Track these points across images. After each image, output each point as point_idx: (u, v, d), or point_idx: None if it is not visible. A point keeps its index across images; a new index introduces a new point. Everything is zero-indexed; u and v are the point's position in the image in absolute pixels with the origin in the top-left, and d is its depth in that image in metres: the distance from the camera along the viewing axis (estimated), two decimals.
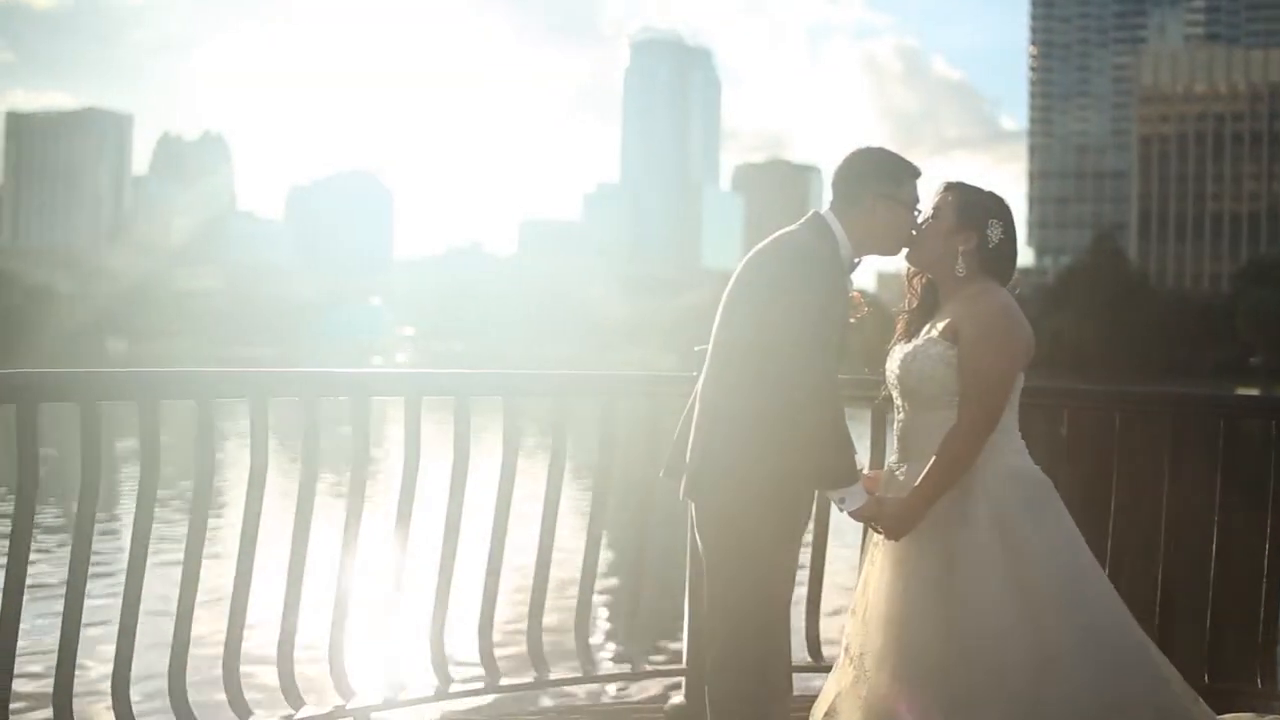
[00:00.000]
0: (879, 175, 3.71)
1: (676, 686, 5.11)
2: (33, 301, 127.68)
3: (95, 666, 5.61)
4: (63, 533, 10.76)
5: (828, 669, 4.06)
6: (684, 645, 4.93)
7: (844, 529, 4.25)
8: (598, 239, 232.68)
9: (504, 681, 4.71)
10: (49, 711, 3.87)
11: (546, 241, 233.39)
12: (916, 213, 3.76)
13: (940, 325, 3.70)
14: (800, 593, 4.30)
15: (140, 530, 3.91)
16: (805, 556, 4.38)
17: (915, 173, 3.76)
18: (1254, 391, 48.80)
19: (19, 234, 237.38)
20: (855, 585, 3.90)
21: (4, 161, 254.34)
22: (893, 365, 3.80)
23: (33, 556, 3.76)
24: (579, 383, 4.93)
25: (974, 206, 3.76)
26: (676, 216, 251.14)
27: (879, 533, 3.72)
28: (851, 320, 3.72)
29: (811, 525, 4.25)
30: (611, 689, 6.35)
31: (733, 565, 3.65)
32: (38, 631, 5.74)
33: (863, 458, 3.75)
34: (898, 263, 3.91)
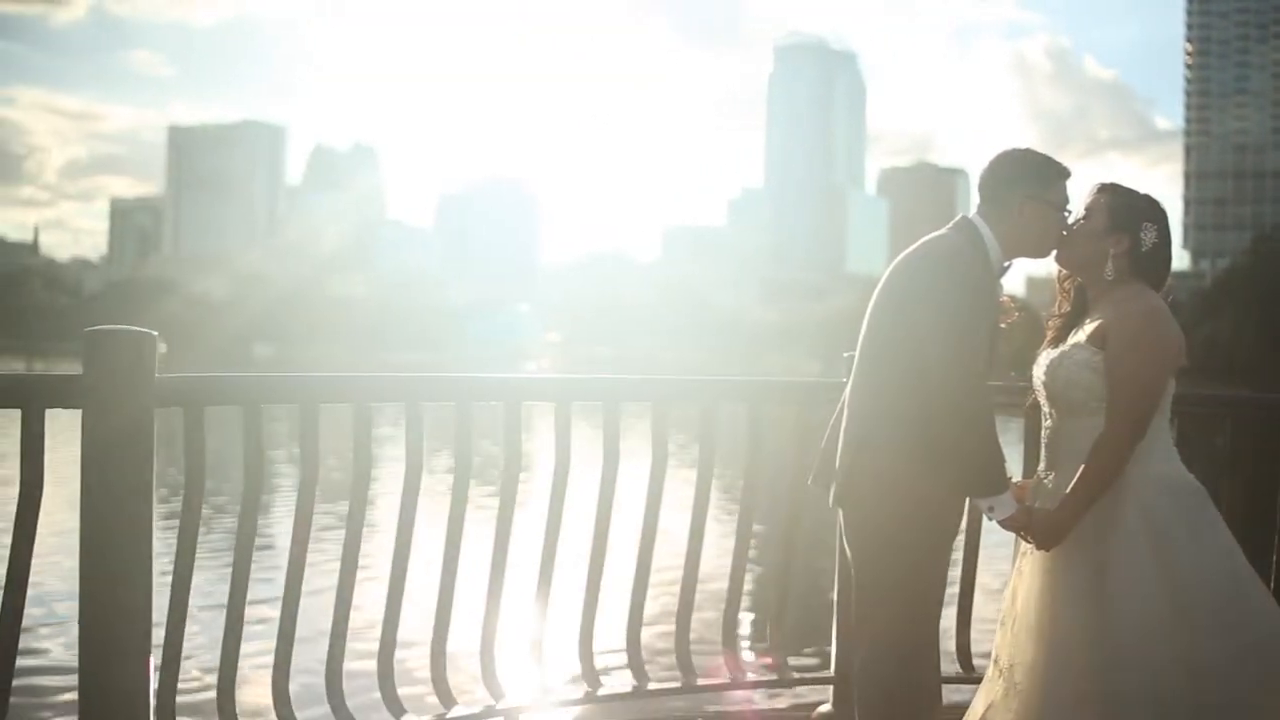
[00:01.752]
0: (1027, 177, 3.66)
1: (824, 695, 5.09)
2: (191, 308, 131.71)
3: (256, 666, 5.76)
4: (217, 530, 11.07)
5: (978, 680, 4.01)
6: (833, 653, 4.91)
7: (998, 537, 4.19)
8: (741, 244, 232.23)
9: (651, 686, 4.74)
10: (214, 711, 3.98)
11: (690, 247, 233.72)
12: (1066, 214, 3.70)
13: (1088, 329, 3.64)
14: (951, 602, 4.25)
15: (300, 531, 4.01)
16: (956, 566, 4.34)
17: (1064, 173, 3.70)
18: None
19: (180, 243, 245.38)
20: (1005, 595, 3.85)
21: (166, 173, 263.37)
22: (1039, 371, 3.74)
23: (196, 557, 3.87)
24: (727, 388, 4.94)
25: (1127, 208, 3.68)
26: (821, 221, 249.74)
27: (1029, 542, 3.67)
28: (1002, 325, 3.68)
29: (962, 534, 4.20)
30: (758, 696, 6.34)
31: (881, 573, 3.62)
32: (201, 631, 5.93)
33: (1014, 466, 3.69)
34: (1048, 266, 3.85)
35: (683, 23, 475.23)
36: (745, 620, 9.10)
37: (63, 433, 3.63)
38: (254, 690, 5.71)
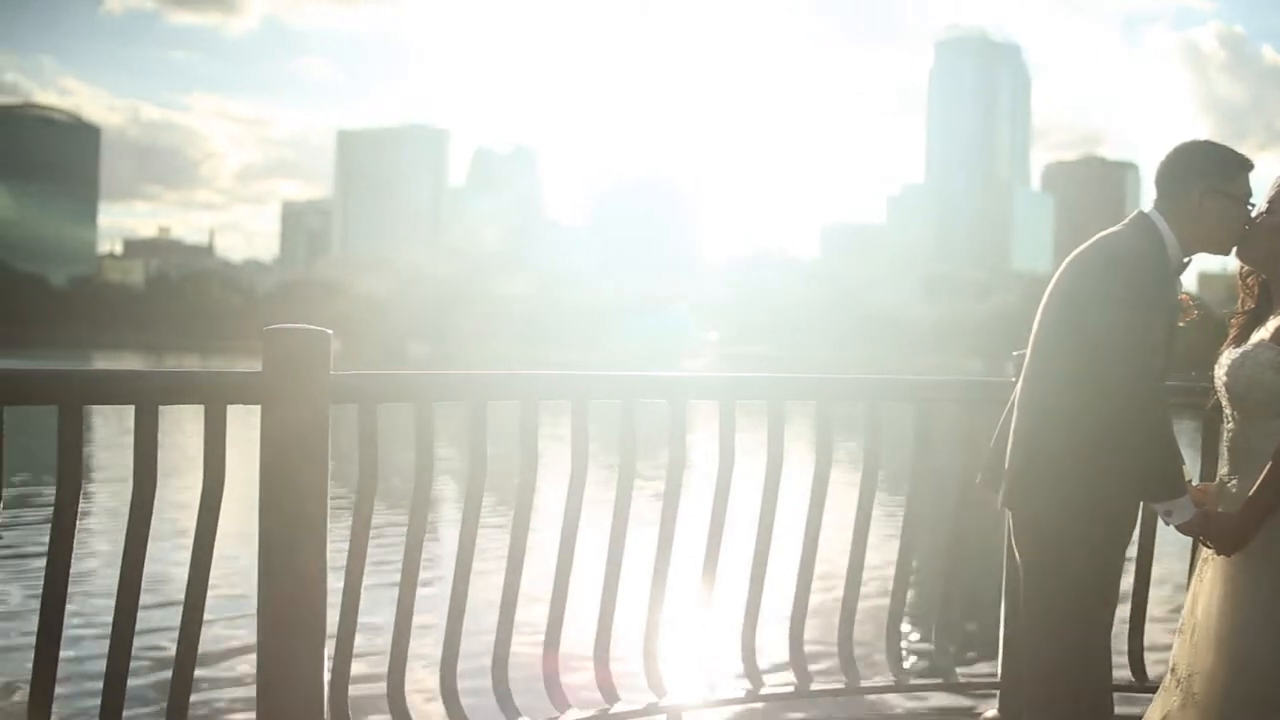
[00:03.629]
0: (1208, 169, 3.55)
1: (990, 698, 5.01)
2: (359, 307, 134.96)
3: (425, 662, 5.88)
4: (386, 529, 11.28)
5: (1152, 690, 3.91)
6: (999, 658, 4.83)
7: (1174, 542, 4.08)
8: (902, 241, 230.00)
9: (815, 687, 4.71)
10: (384, 706, 4.07)
11: (849, 244, 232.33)
12: (1249, 207, 3.58)
13: (1271, 327, 3.50)
14: (1124, 609, 4.15)
15: (467, 530, 4.07)
16: (1130, 571, 4.24)
17: (1246, 165, 3.58)
18: None
19: (348, 244, 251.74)
20: (1183, 602, 3.74)
21: (334, 176, 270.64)
22: (1220, 371, 3.62)
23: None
24: (893, 387, 4.89)
25: None
26: (983, 217, 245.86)
27: (1208, 548, 3.56)
28: (1180, 324, 3.58)
29: (1137, 537, 4.10)
30: (924, 699, 6.27)
31: (1051, 577, 3.55)
32: (369, 628, 6.05)
33: (1193, 468, 3.59)
34: (1223, 261, 3.73)
35: (841, 19, 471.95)
36: (910, 622, 9.00)
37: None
38: (422, 684, 5.83)
